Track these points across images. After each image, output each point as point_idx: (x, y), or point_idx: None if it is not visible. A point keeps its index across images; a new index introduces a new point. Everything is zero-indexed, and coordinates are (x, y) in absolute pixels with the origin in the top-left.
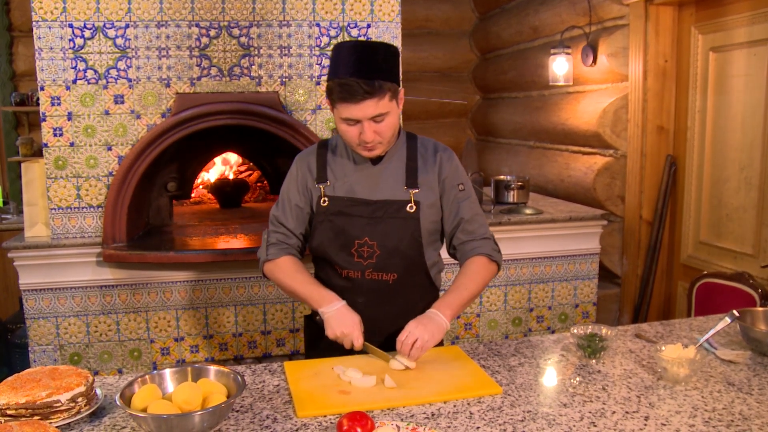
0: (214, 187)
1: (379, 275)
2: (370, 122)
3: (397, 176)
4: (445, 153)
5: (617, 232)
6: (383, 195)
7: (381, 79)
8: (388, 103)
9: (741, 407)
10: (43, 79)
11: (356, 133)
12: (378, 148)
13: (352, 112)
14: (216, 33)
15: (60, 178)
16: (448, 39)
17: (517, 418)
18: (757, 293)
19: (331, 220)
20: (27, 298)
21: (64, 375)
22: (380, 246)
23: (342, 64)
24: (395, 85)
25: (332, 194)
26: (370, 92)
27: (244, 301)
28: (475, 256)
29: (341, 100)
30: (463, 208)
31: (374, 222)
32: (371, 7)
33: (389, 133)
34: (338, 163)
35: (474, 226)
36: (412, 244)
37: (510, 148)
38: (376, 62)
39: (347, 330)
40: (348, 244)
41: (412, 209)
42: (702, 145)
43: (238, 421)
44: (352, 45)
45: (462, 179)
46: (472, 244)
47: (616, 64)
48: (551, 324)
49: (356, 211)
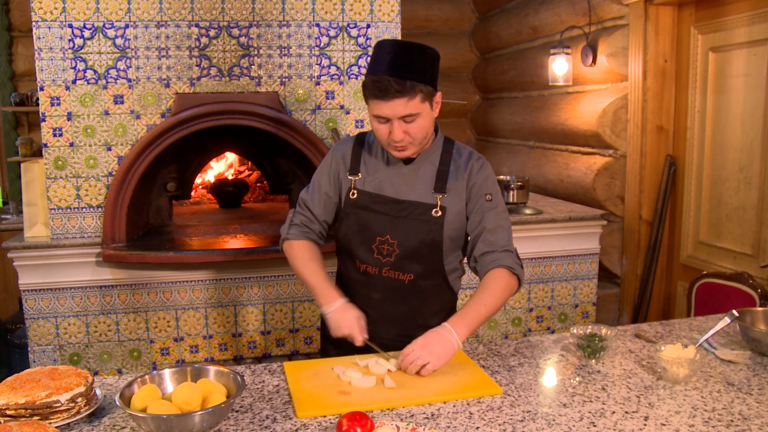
0: (214, 187)
1: (396, 274)
2: (400, 122)
3: (427, 179)
4: (477, 161)
5: (617, 232)
6: (410, 196)
7: (413, 79)
8: (419, 104)
9: (740, 407)
10: (43, 79)
11: (386, 131)
12: (408, 149)
13: (382, 109)
14: (216, 33)
15: (60, 178)
16: (447, 39)
17: (516, 418)
18: (756, 293)
19: (357, 213)
20: (27, 298)
21: (64, 375)
22: (400, 245)
23: (378, 61)
24: (429, 88)
25: (362, 188)
26: (401, 91)
27: (245, 301)
28: (496, 269)
29: (373, 96)
30: (487, 218)
31: (398, 221)
32: (371, 7)
33: (420, 135)
34: (372, 159)
35: (495, 237)
36: (432, 248)
37: (510, 148)
38: (409, 62)
39: (346, 330)
40: (370, 240)
41: (438, 214)
42: (702, 145)
43: (237, 422)
44: (390, 44)
45: (491, 189)
46: (493, 255)
47: (615, 64)
48: (551, 324)
49: (382, 208)
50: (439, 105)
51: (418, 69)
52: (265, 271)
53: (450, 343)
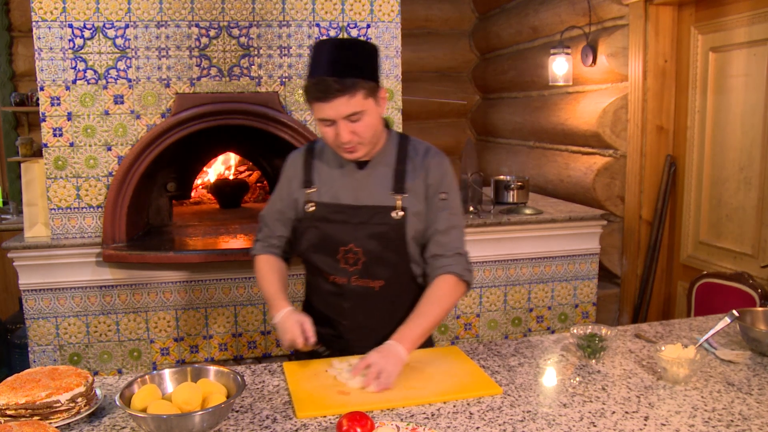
0: (214, 187)
1: (365, 282)
2: (345, 122)
3: (384, 181)
4: (434, 158)
5: (617, 232)
6: (369, 200)
7: (354, 76)
8: (362, 101)
9: (741, 407)
10: (43, 80)
11: (333, 133)
12: (359, 150)
13: (325, 111)
14: (216, 33)
15: (60, 178)
16: (447, 39)
17: (516, 418)
18: (756, 293)
19: (316, 226)
20: (27, 298)
21: (64, 375)
22: (365, 252)
23: (317, 63)
24: (372, 83)
25: (318, 200)
26: (342, 89)
27: (244, 301)
28: (444, 275)
29: (315, 99)
30: (440, 219)
31: (360, 228)
32: (371, 7)
33: (368, 133)
34: (324, 167)
35: (447, 239)
36: (398, 251)
37: (510, 148)
38: (348, 59)
39: (289, 336)
40: (333, 250)
41: (399, 215)
42: (702, 145)
43: (237, 422)
44: (327, 43)
45: (447, 188)
46: (442, 260)
47: (615, 64)
48: (551, 324)
49: (341, 217)
50: (385, 101)
51: (358, 65)
52: None
53: (399, 355)
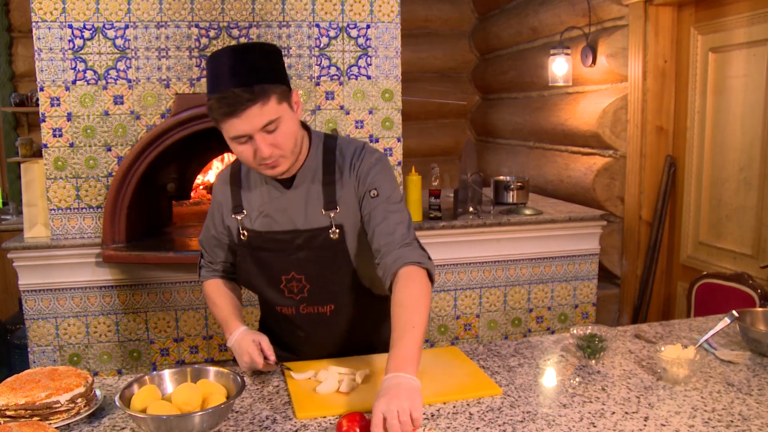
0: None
1: (315, 309)
2: (262, 134)
3: (314, 199)
4: (359, 157)
5: (617, 232)
6: (302, 224)
7: (262, 82)
8: (276, 107)
9: (740, 408)
10: (43, 80)
11: (251, 151)
12: (281, 164)
13: (237, 126)
14: (216, 33)
15: (59, 178)
16: (447, 39)
17: (516, 418)
18: (756, 293)
19: (252, 255)
20: (26, 298)
21: (64, 376)
22: (309, 279)
23: (217, 75)
24: (283, 87)
25: (250, 227)
26: (252, 98)
27: (244, 301)
28: (402, 269)
29: (224, 115)
30: (376, 216)
31: (298, 254)
32: (371, 7)
33: (289, 143)
34: (252, 191)
35: (389, 233)
36: (343, 272)
37: (509, 148)
38: (252, 65)
39: (246, 357)
40: (275, 281)
41: (335, 235)
42: (701, 145)
43: (237, 422)
44: (224, 52)
45: (376, 183)
46: (394, 253)
47: (615, 64)
48: (551, 324)
49: (276, 245)
50: (300, 105)
51: (263, 69)
52: None
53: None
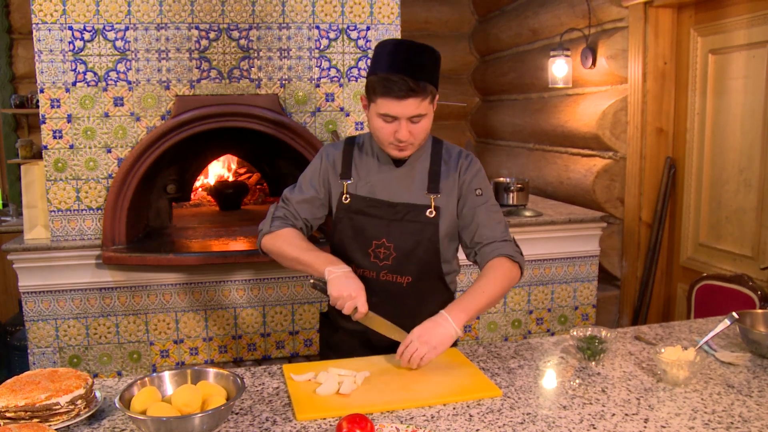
0: (214, 189)
1: (394, 277)
2: (407, 122)
3: (419, 180)
4: (466, 159)
5: (617, 234)
6: (404, 198)
7: (425, 80)
8: (427, 106)
9: (741, 409)
10: (43, 82)
11: (391, 130)
12: (408, 149)
13: (393, 108)
14: (216, 35)
15: (60, 180)
16: (447, 41)
17: (516, 420)
18: (756, 295)
19: (351, 218)
20: (26, 300)
21: (64, 377)
22: (397, 248)
23: (387, 60)
24: (435, 90)
25: (354, 192)
26: (415, 90)
27: (244, 303)
28: (496, 258)
29: (384, 95)
30: (480, 213)
31: (393, 224)
32: (371, 9)
33: (422, 135)
34: (363, 162)
35: (491, 231)
36: (428, 249)
37: (509, 150)
38: (422, 63)
39: (354, 292)
40: (366, 244)
41: (432, 214)
42: (701, 147)
43: (237, 424)
44: (400, 42)
45: (481, 185)
46: (492, 246)
47: (615, 66)
48: (551, 326)
49: (376, 212)
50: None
51: (430, 70)
52: (264, 273)
53: (447, 331)
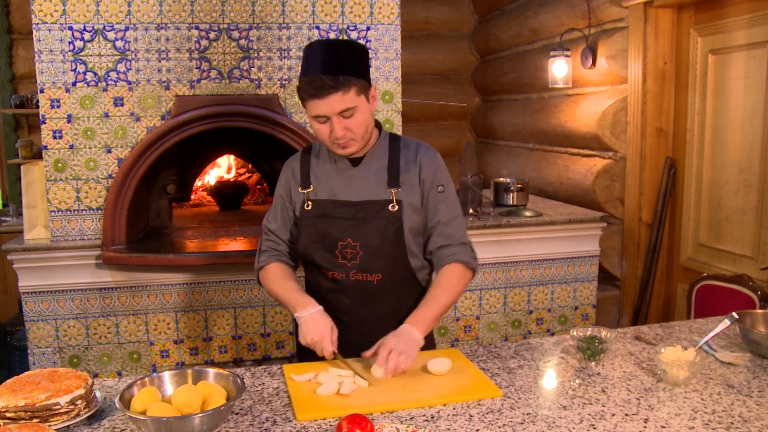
0: (214, 189)
1: (364, 276)
2: (339, 118)
3: (378, 176)
4: (426, 153)
5: (617, 234)
6: (365, 196)
7: (346, 74)
8: (354, 98)
9: (741, 409)
10: (43, 82)
11: (327, 130)
12: (351, 145)
13: (319, 107)
14: (216, 35)
15: (59, 180)
16: (447, 41)
17: (516, 420)
18: (756, 295)
19: (314, 223)
20: (26, 300)
21: (64, 377)
22: (363, 247)
23: (305, 63)
24: (363, 81)
25: (315, 198)
26: (335, 86)
27: (244, 303)
28: (451, 264)
29: (309, 96)
30: (441, 211)
31: (357, 223)
32: (371, 9)
33: (360, 129)
34: (321, 167)
35: (451, 230)
36: (395, 244)
37: (509, 150)
38: (340, 58)
39: (317, 336)
40: (332, 246)
41: (395, 209)
42: (701, 147)
43: (237, 424)
44: (318, 44)
45: (442, 181)
46: (449, 249)
47: (615, 66)
48: (551, 326)
49: (338, 213)
50: (376, 99)
51: (349, 63)
52: None
53: (415, 339)
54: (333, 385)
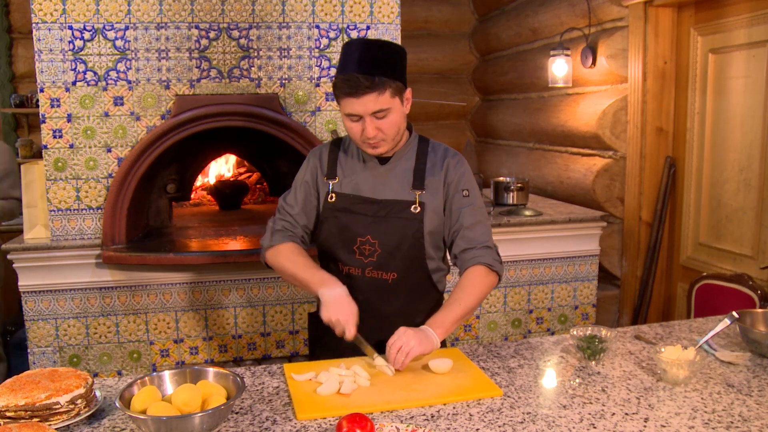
0: (214, 188)
1: (379, 274)
2: (371, 118)
3: (404, 177)
4: (453, 158)
5: (617, 233)
6: (389, 195)
7: (382, 75)
8: (389, 100)
9: (740, 408)
10: (43, 81)
11: (359, 129)
12: (381, 146)
13: (353, 106)
14: (216, 35)
15: (60, 179)
16: (447, 40)
17: (516, 419)
18: (756, 294)
19: (336, 216)
20: (26, 299)
21: (64, 377)
22: (381, 245)
23: (343, 61)
24: (399, 84)
25: (339, 191)
26: (370, 86)
27: (244, 302)
28: (474, 266)
29: (344, 94)
30: (465, 215)
31: (378, 221)
32: (371, 8)
33: (392, 130)
34: (348, 161)
35: (475, 234)
36: (413, 245)
37: (509, 149)
38: (377, 59)
39: (343, 317)
40: (350, 241)
41: (417, 210)
42: (701, 146)
43: (237, 423)
44: (357, 42)
45: (468, 186)
46: (472, 252)
47: (615, 65)
48: (551, 325)
49: (360, 209)
50: (410, 102)
51: (386, 65)
52: (265, 272)
53: (430, 337)
54: (333, 385)
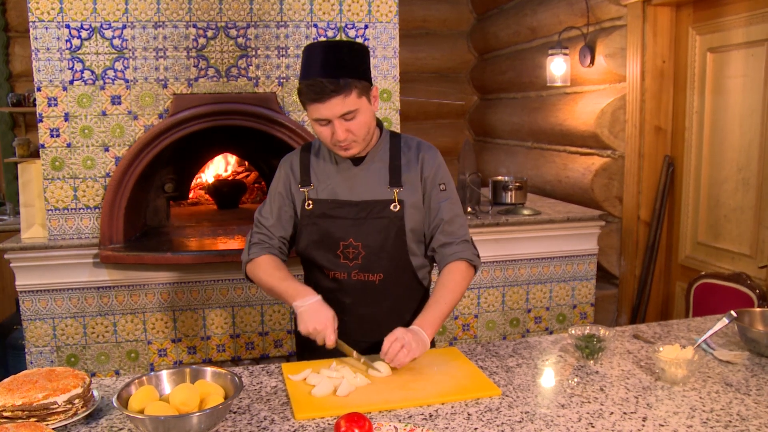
0: (212, 188)
1: (366, 276)
2: (340, 120)
3: (380, 176)
4: (428, 152)
5: (615, 232)
6: (366, 195)
7: (346, 76)
8: (356, 100)
9: (739, 408)
10: (40, 80)
11: (329, 133)
12: (353, 147)
13: (320, 111)
14: (213, 34)
15: (57, 179)
16: (445, 39)
17: (515, 419)
18: (754, 294)
19: (315, 222)
20: (24, 299)
21: (61, 377)
22: (365, 246)
23: (310, 64)
24: (364, 83)
25: (316, 197)
26: (336, 90)
27: (242, 302)
28: (455, 261)
29: (310, 100)
30: (444, 209)
31: (358, 223)
32: (369, 7)
33: (362, 131)
34: (321, 166)
35: (453, 228)
36: (396, 244)
37: (508, 148)
38: (340, 60)
39: (320, 326)
40: (333, 246)
41: (396, 208)
42: (700, 145)
43: (235, 423)
44: (318, 45)
45: (444, 179)
46: (451, 247)
47: (613, 64)
48: (549, 325)
49: (340, 212)
50: (377, 99)
51: (349, 65)
52: None
53: (423, 340)
54: (326, 387)
